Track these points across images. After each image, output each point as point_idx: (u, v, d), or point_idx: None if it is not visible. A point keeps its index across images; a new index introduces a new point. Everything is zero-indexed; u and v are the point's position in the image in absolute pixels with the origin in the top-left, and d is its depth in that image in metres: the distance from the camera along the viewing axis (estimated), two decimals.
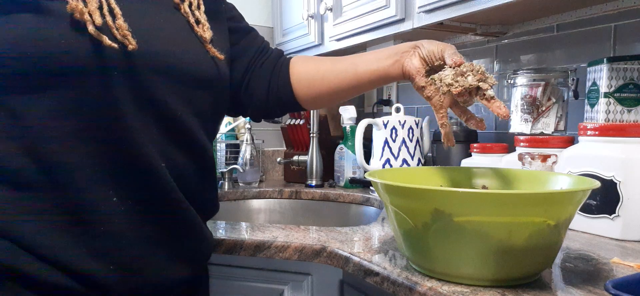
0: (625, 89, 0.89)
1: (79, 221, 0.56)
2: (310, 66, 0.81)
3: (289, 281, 0.87)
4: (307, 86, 0.80)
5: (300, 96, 0.81)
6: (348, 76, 0.76)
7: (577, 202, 0.56)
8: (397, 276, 0.62)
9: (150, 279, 0.62)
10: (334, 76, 0.78)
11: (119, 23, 0.56)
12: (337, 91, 0.78)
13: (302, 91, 0.80)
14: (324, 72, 0.78)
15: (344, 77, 0.77)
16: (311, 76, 0.79)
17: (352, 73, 0.76)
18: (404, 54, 0.71)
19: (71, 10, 0.54)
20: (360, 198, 1.37)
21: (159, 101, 0.60)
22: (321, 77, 0.79)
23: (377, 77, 0.74)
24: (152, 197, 0.61)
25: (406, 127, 1.28)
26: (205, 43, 0.68)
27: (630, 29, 0.98)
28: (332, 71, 0.78)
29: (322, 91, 0.79)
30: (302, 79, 0.80)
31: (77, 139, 0.56)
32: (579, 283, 0.58)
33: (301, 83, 0.80)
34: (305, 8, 1.53)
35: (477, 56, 1.35)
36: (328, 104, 0.84)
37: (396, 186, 0.58)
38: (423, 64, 0.69)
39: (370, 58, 0.75)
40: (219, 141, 1.63)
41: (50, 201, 0.56)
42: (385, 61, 0.73)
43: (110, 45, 0.55)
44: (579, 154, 0.85)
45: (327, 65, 0.79)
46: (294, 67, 0.81)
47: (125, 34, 0.56)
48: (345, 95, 0.80)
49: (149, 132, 0.59)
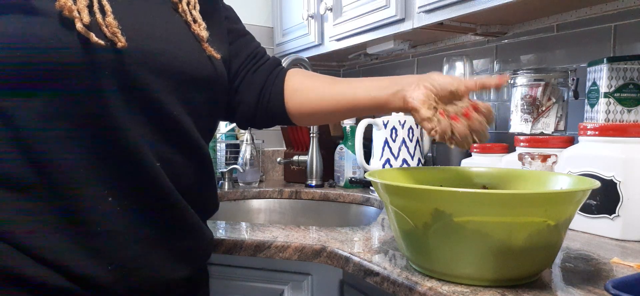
0: (625, 89, 0.89)
1: (75, 221, 0.56)
2: (307, 82, 0.79)
3: (289, 281, 0.87)
4: (300, 101, 0.78)
5: (291, 110, 0.79)
6: (346, 100, 0.74)
7: (577, 202, 0.56)
8: (397, 276, 0.62)
9: (148, 279, 0.62)
10: (331, 96, 0.76)
11: (108, 20, 0.56)
12: (332, 113, 0.77)
13: (294, 106, 0.79)
14: (322, 92, 0.76)
15: (341, 99, 0.75)
16: (307, 93, 0.78)
17: (351, 98, 0.74)
18: (406, 86, 0.68)
19: (60, 7, 0.53)
20: (360, 198, 1.37)
21: (151, 99, 0.60)
22: (319, 96, 0.77)
23: (376, 105, 0.72)
24: (147, 196, 0.61)
25: (406, 127, 1.28)
26: (202, 42, 0.67)
27: (630, 29, 0.98)
28: (330, 92, 0.76)
29: (316, 109, 0.77)
30: (297, 93, 0.78)
31: (71, 139, 0.55)
32: (579, 283, 0.58)
33: (294, 97, 0.78)
34: (305, 8, 1.53)
35: (477, 55, 1.35)
36: (318, 122, 0.81)
37: (396, 186, 0.58)
38: (428, 95, 0.65)
39: (371, 85, 0.73)
40: (219, 141, 1.63)
41: (45, 202, 0.55)
42: (387, 90, 0.70)
43: (97, 42, 0.54)
44: (579, 154, 0.85)
45: (326, 85, 0.77)
46: (290, 80, 0.80)
47: (115, 31, 0.55)
48: (339, 117, 0.79)
49: (142, 131, 0.59)
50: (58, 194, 0.56)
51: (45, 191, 0.55)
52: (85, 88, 0.55)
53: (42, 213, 0.55)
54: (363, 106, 0.73)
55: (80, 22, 0.54)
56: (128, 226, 0.59)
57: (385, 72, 1.73)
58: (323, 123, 0.78)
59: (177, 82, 0.62)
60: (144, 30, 0.60)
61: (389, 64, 1.71)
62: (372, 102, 0.72)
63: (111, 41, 0.55)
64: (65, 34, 0.54)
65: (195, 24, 0.67)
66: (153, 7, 0.64)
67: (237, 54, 0.79)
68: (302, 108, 0.78)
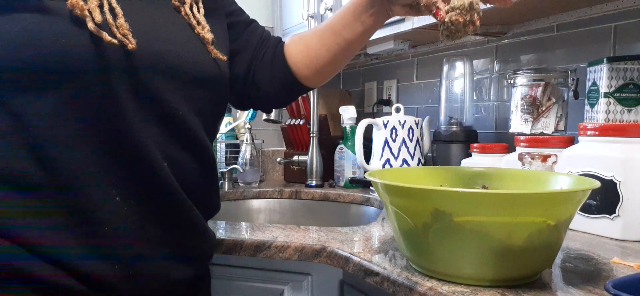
0: (625, 89, 0.89)
1: (82, 221, 0.56)
2: (300, 46, 0.81)
3: (289, 281, 0.87)
4: (304, 66, 0.81)
5: (301, 77, 0.81)
6: (340, 47, 0.78)
7: (577, 202, 0.56)
8: (397, 276, 0.62)
9: (153, 278, 0.62)
10: (325, 51, 0.79)
11: (120, 22, 0.56)
12: (334, 62, 0.80)
13: (301, 72, 0.81)
14: (316, 50, 0.79)
15: (336, 49, 0.78)
16: (305, 56, 0.80)
17: (343, 42, 0.77)
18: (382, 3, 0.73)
19: (71, 6, 0.54)
20: (360, 198, 1.37)
21: (160, 100, 0.60)
22: (315, 55, 0.79)
23: (366, 34, 0.77)
24: (155, 197, 0.61)
25: (406, 127, 1.28)
26: (207, 44, 0.68)
27: (630, 29, 0.98)
28: (322, 47, 0.79)
29: (319, 67, 0.80)
30: (298, 61, 0.81)
31: (80, 138, 0.56)
32: (579, 283, 0.58)
33: (298, 65, 0.81)
34: (305, 8, 1.53)
35: (477, 55, 1.35)
36: (330, 74, 0.84)
37: (396, 186, 0.58)
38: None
39: (348, 20, 0.76)
40: (219, 141, 1.63)
41: (53, 201, 0.55)
42: (367, 17, 0.74)
43: (110, 41, 0.55)
44: (579, 154, 0.85)
45: (315, 41, 0.80)
46: (288, 51, 0.82)
47: (126, 33, 0.56)
48: (345, 61, 0.82)
49: (150, 131, 0.59)
50: (66, 193, 0.56)
51: (53, 190, 0.55)
52: (94, 87, 0.55)
53: (50, 212, 0.55)
54: (358, 42, 0.78)
55: (92, 22, 0.54)
56: (134, 226, 0.59)
57: (386, 73, 1.73)
58: (335, 72, 0.85)
59: (183, 83, 0.63)
60: (151, 32, 0.61)
61: (389, 64, 1.71)
62: (363, 36, 0.77)
63: (121, 42, 0.56)
64: (76, 33, 0.54)
65: (199, 26, 0.68)
66: (157, 9, 0.64)
67: (247, 45, 0.81)
68: (309, 71, 0.81)
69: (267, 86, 0.81)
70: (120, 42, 0.56)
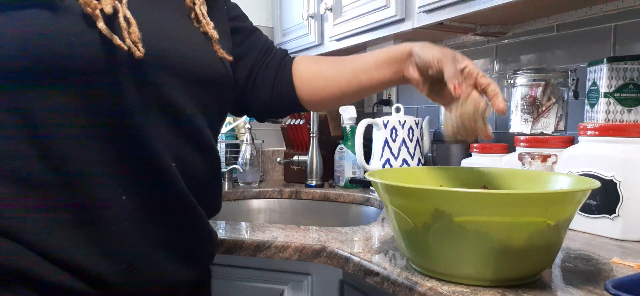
0: (625, 89, 0.89)
1: (88, 220, 0.56)
2: (313, 70, 0.81)
3: (289, 281, 0.87)
4: (310, 90, 0.81)
5: (303, 99, 0.82)
6: (351, 86, 0.78)
7: (577, 202, 0.56)
8: (397, 276, 0.62)
9: (157, 278, 0.62)
10: (335, 83, 0.79)
11: (133, 29, 0.56)
12: (339, 98, 0.81)
13: (305, 95, 0.81)
14: (327, 79, 0.80)
15: (347, 86, 0.79)
16: (314, 81, 0.81)
17: (356, 84, 0.78)
18: (402, 64, 0.74)
19: (84, 3, 0.54)
20: (360, 198, 1.37)
21: (168, 99, 0.60)
22: (324, 84, 0.80)
23: (379, 86, 0.78)
24: (161, 196, 0.61)
25: (406, 127, 1.28)
26: (214, 43, 0.68)
27: (630, 29, 0.98)
28: (334, 79, 0.79)
29: (324, 97, 0.81)
30: (305, 82, 0.81)
31: (87, 137, 0.56)
32: (579, 283, 0.58)
33: (304, 86, 0.81)
34: (305, 8, 1.53)
35: (477, 55, 1.35)
36: (330, 108, 0.86)
37: (396, 186, 0.58)
38: (421, 75, 0.71)
39: (370, 66, 0.77)
40: (219, 141, 1.63)
41: (59, 199, 0.55)
42: (387, 70, 0.75)
43: (120, 45, 0.55)
44: (579, 154, 0.85)
45: (330, 72, 0.80)
46: (297, 69, 0.82)
47: (136, 40, 0.56)
48: (348, 102, 0.84)
49: (158, 130, 0.59)
50: (72, 192, 0.55)
51: (59, 189, 0.55)
52: (103, 85, 0.55)
53: (56, 211, 0.55)
54: (368, 88, 0.79)
55: (102, 22, 0.54)
56: (140, 225, 0.59)
57: None
58: (334, 108, 0.85)
59: (189, 82, 0.63)
60: (160, 31, 0.61)
61: None
62: (376, 84, 0.77)
63: (129, 49, 0.56)
64: (86, 30, 0.54)
65: (209, 26, 0.68)
66: (165, 8, 0.64)
67: (249, 52, 0.81)
68: (313, 97, 0.82)
69: (267, 96, 0.81)
70: (128, 48, 0.56)
